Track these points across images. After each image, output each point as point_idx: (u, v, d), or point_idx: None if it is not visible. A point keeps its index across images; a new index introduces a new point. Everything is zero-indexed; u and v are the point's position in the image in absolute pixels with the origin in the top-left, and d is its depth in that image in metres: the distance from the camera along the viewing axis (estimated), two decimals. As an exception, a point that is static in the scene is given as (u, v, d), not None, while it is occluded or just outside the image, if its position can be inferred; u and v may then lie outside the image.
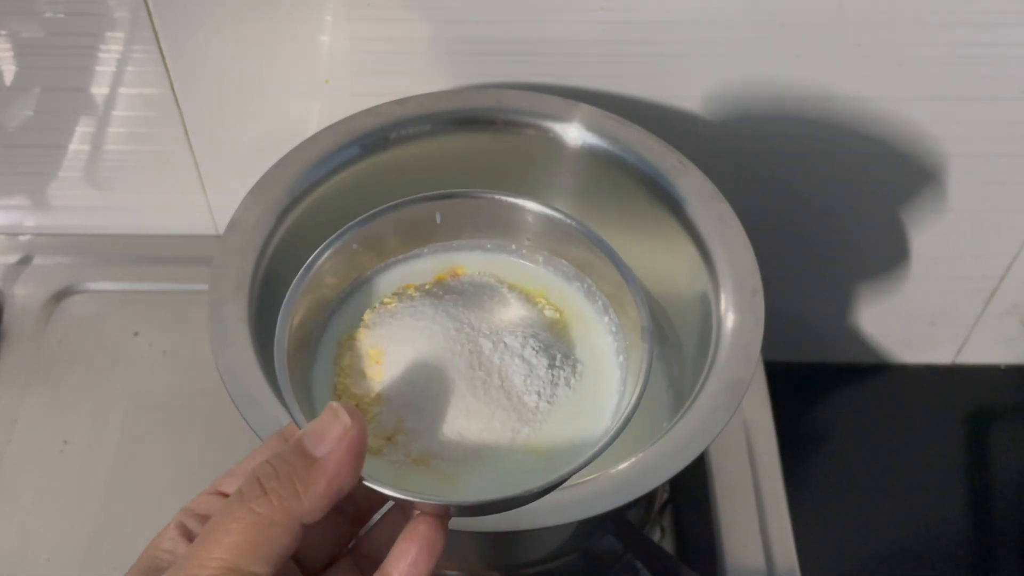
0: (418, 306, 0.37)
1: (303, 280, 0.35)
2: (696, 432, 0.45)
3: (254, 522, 0.28)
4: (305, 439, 0.30)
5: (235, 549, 0.28)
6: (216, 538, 0.28)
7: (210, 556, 0.28)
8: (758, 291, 0.49)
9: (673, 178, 0.53)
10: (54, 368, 0.65)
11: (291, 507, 0.29)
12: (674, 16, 0.57)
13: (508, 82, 0.61)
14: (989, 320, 0.77)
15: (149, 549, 0.32)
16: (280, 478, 0.29)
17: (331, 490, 0.29)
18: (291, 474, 0.29)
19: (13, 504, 0.60)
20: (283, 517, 0.29)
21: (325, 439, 0.29)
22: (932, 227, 0.69)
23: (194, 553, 0.29)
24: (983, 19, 0.56)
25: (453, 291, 0.39)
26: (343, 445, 0.29)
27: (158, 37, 0.59)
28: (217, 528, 0.29)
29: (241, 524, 0.28)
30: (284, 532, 0.29)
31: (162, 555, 0.31)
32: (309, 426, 0.30)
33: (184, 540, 0.31)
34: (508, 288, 0.39)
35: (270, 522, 0.28)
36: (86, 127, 0.65)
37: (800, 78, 0.60)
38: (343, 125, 0.55)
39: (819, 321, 0.78)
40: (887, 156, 0.65)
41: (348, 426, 0.29)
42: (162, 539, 0.32)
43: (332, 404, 0.30)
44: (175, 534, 0.32)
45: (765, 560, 0.58)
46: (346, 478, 0.29)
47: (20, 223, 0.71)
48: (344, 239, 0.37)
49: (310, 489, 0.29)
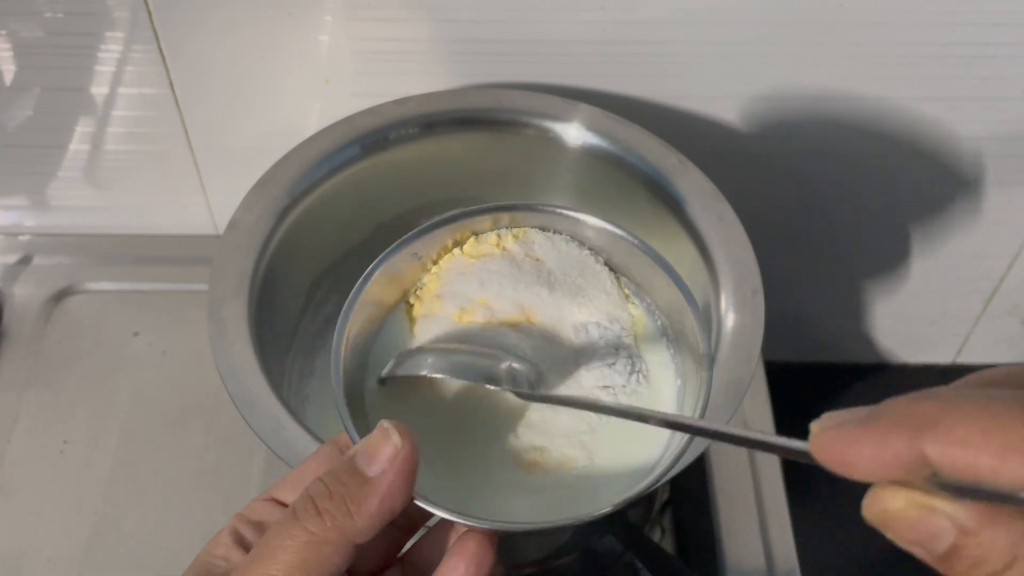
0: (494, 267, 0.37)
1: (361, 289, 0.35)
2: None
3: (308, 541, 0.29)
4: (357, 458, 0.30)
5: (289, 567, 0.29)
6: (271, 554, 0.29)
7: (265, 572, 0.29)
8: (758, 291, 0.49)
9: (673, 178, 0.53)
10: (54, 368, 0.65)
11: (344, 527, 0.29)
12: (674, 16, 0.57)
13: (508, 82, 0.60)
14: (989, 320, 0.77)
15: (203, 555, 0.32)
16: (333, 498, 0.29)
17: (383, 510, 0.29)
18: (344, 495, 0.29)
19: (13, 504, 0.60)
20: (336, 536, 0.29)
21: (377, 459, 0.30)
22: (932, 227, 0.69)
23: (249, 568, 0.29)
24: (983, 19, 0.56)
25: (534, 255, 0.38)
26: (395, 466, 0.30)
27: (158, 37, 0.59)
28: (272, 545, 0.29)
29: (295, 543, 0.29)
30: (336, 551, 0.29)
31: (217, 561, 0.32)
32: (361, 444, 0.30)
33: (237, 547, 0.32)
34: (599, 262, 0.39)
35: (324, 541, 0.29)
36: (86, 127, 0.65)
37: (800, 78, 0.60)
38: (343, 125, 0.55)
39: (819, 321, 0.78)
40: (887, 156, 0.65)
41: (399, 446, 0.30)
42: (216, 545, 0.32)
43: (383, 423, 0.30)
44: (229, 540, 0.32)
45: (765, 560, 0.58)
46: (398, 498, 0.30)
47: (20, 223, 0.71)
48: (402, 251, 0.37)
49: (362, 509, 0.29)
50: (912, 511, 0.23)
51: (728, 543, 0.59)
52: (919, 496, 0.23)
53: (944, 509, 0.23)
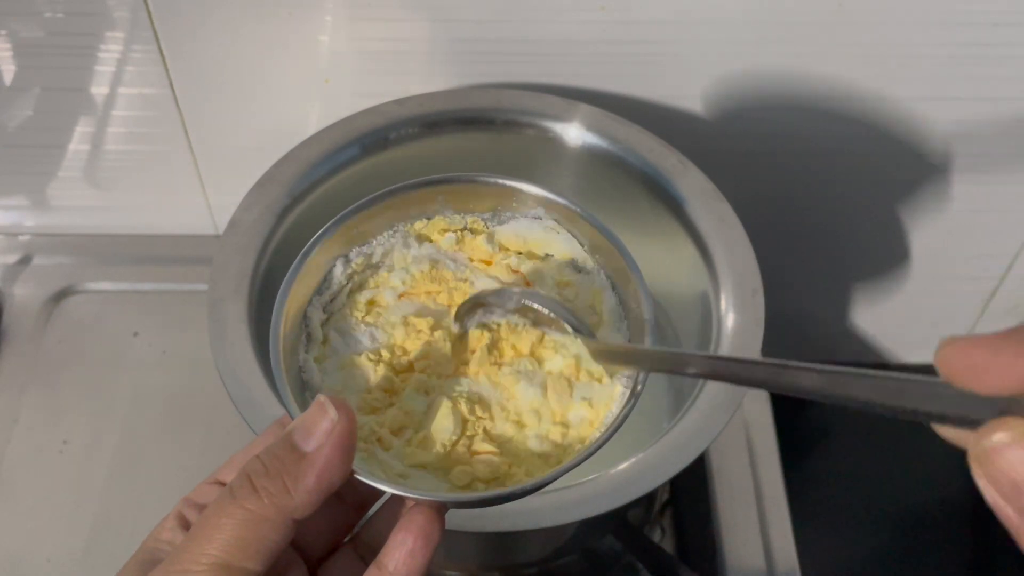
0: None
1: (299, 268, 0.35)
2: (696, 432, 0.45)
3: (245, 519, 0.29)
4: (294, 434, 0.30)
5: (226, 545, 0.28)
6: (207, 534, 0.29)
7: (202, 552, 0.28)
8: (758, 291, 0.49)
9: (673, 178, 0.53)
10: (54, 368, 0.65)
11: (281, 503, 0.29)
12: (674, 16, 0.57)
13: (508, 82, 0.60)
14: (989, 320, 0.77)
15: (149, 539, 0.32)
16: (270, 475, 0.29)
17: (321, 485, 0.29)
18: (280, 470, 0.29)
19: (13, 504, 0.60)
20: (274, 513, 0.29)
21: (313, 434, 0.29)
22: (932, 227, 0.69)
23: (186, 549, 0.29)
24: (983, 19, 0.56)
25: None
26: (332, 440, 0.29)
27: (158, 37, 0.59)
28: (208, 524, 0.29)
29: (232, 520, 0.29)
30: (275, 528, 0.29)
31: (161, 545, 0.32)
32: (297, 420, 0.30)
33: (183, 531, 0.32)
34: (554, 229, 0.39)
35: (261, 519, 0.29)
36: (86, 127, 0.65)
37: (800, 78, 0.60)
38: (343, 125, 0.55)
39: (819, 321, 0.78)
40: (887, 156, 0.65)
41: (335, 420, 0.29)
42: (162, 529, 0.32)
43: (320, 397, 0.30)
44: (174, 524, 0.32)
45: (765, 560, 0.58)
46: (336, 473, 0.29)
47: (20, 223, 0.71)
48: (341, 226, 0.37)
49: (299, 485, 0.29)
50: (1020, 447, 0.22)
51: (728, 543, 0.59)
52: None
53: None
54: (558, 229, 0.38)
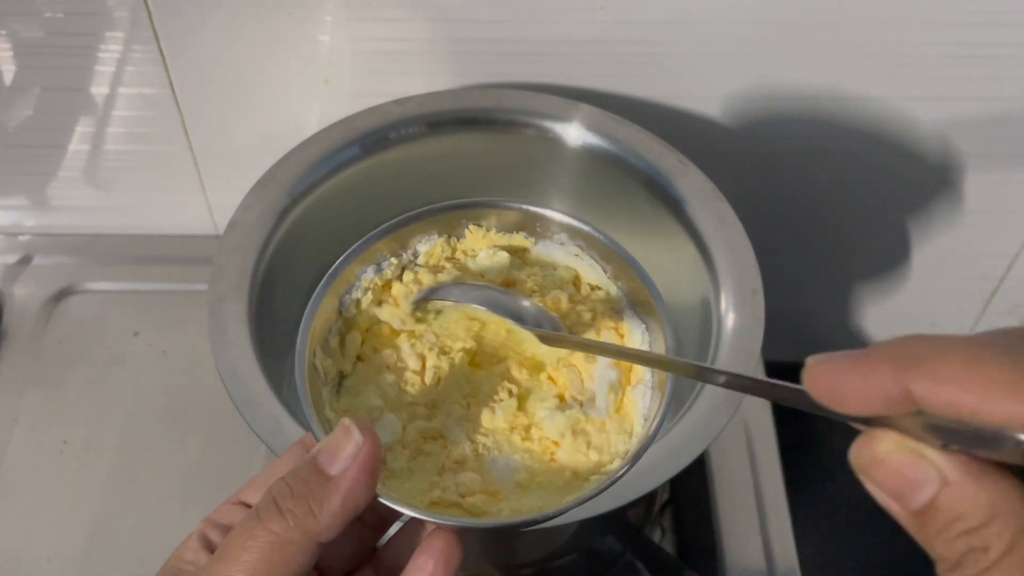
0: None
1: (327, 287, 0.35)
2: (696, 432, 0.45)
3: (270, 541, 0.29)
4: (319, 457, 0.30)
5: (252, 567, 0.29)
6: (234, 555, 0.29)
7: (228, 573, 0.29)
8: (758, 291, 0.49)
9: (673, 178, 0.53)
10: (54, 368, 0.65)
11: (306, 526, 0.29)
12: (674, 16, 0.57)
13: (508, 82, 0.60)
14: (989, 320, 0.77)
15: (172, 559, 0.32)
16: (295, 497, 0.29)
17: (346, 508, 0.29)
18: (305, 493, 0.29)
19: (13, 504, 0.60)
20: (299, 536, 0.29)
21: (338, 457, 0.30)
22: (932, 227, 0.69)
23: (212, 570, 0.29)
24: (983, 19, 0.56)
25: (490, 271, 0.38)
26: (357, 463, 0.29)
27: (158, 37, 0.59)
28: (235, 546, 0.29)
29: (258, 543, 0.29)
30: (300, 551, 0.29)
31: (184, 566, 0.32)
32: (322, 443, 0.30)
33: (205, 551, 0.32)
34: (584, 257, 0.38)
35: (286, 541, 0.29)
36: (86, 127, 0.65)
37: (800, 78, 0.60)
38: (343, 125, 0.55)
39: (819, 321, 0.78)
40: (887, 156, 0.65)
41: (360, 444, 0.30)
42: (184, 549, 0.32)
43: (344, 421, 0.30)
44: (197, 545, 0.32)
45: (765, 560, 0.58)
46: (361, 496, 0.30)
47: (20, 223, 0.71)
48: (371, 246, 0.37)
49: (325, 508, 0.29)
50: (899, 454, 0.24)
51: (728, 543, 0.59)
52: (908, 441, 0.24)
53: (930, 456, 0.23)
54: (581, 255, 0.38)
